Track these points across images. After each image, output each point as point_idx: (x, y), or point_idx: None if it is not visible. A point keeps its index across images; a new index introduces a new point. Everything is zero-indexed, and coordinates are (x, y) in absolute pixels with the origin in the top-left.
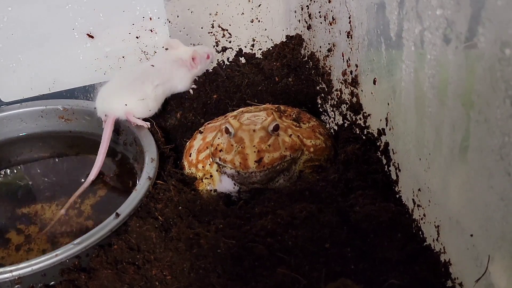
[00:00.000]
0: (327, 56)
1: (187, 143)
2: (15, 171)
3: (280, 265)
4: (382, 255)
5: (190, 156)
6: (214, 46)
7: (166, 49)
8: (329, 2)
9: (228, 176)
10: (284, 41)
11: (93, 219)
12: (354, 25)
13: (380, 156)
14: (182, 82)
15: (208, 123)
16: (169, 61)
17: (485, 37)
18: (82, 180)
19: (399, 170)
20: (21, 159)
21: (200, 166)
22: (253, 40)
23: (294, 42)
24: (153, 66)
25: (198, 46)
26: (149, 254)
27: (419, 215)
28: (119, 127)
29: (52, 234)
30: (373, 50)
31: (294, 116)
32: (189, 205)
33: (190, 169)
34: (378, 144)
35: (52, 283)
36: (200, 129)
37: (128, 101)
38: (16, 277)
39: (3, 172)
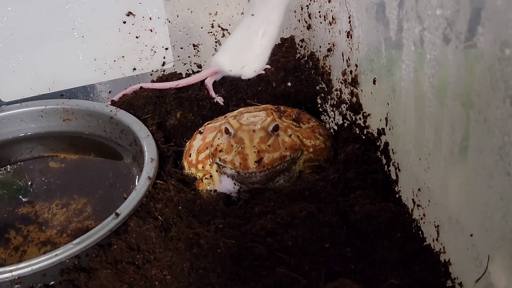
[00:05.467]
0: (327, 56)
1: (187, 143)
2: (15, 171)
3: (280, 265)
4: (381, 255)
5: (190, 156)
6: (214, 46)
7: None
8: (329, 2)
9: (228, 177)
10: (278, 43)
11: (93, 219)
12: (354, 25)
13: (379, 156)
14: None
15: (208, 123)
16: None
17: (485, 37)
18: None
19: (399, 170)
20: (21, 159)
21: (200, 166)
22: None
23: (286, 45)
24: (253, 15)
25: None
26: (149, 254)
27: (419, 215)
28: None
29: (51, 234)
30: (373, 50)
31: (294, 116)
32: (189, 205)
33: (190, 170)
34: (377, 144)
35: (52, 283)
36: (200, 129)
37: (238, 61)
38: (16, 277)
39: (3, 172)
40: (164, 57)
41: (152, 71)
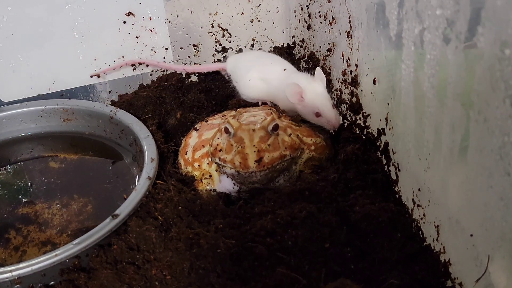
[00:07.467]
0: (327, 56)
1: (183, 140)
2: (15, 171)
3: (280, 265)
4: (381, 255)
5: (186, 154)
6: (214, 46)
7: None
8: (329, 2)
9: (228, 176)
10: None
11: (93, 219)
12: (354, 25)
13: (380, 156)
14: (281, 101)
15: (204, 120)
16: (290, 76)
17: (485, 37)
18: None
19: (399, 170)
20: (21, 159)
21: (196, 164)
22: (253, 40)
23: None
24: (284, 70)
25: (332, 109)
26: (149, 254)
27: (419, 215)
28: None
29: (51, 234)
30: (373, 50)
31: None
32: (189, 205)
33: (186, 168)
34: (378, 144)
35: (52, 283)
36: (195, 126)
37: (239, 74)
38: (16, 277)
39: (3, 172)
40: (164, 57)
41: (152, 71)
